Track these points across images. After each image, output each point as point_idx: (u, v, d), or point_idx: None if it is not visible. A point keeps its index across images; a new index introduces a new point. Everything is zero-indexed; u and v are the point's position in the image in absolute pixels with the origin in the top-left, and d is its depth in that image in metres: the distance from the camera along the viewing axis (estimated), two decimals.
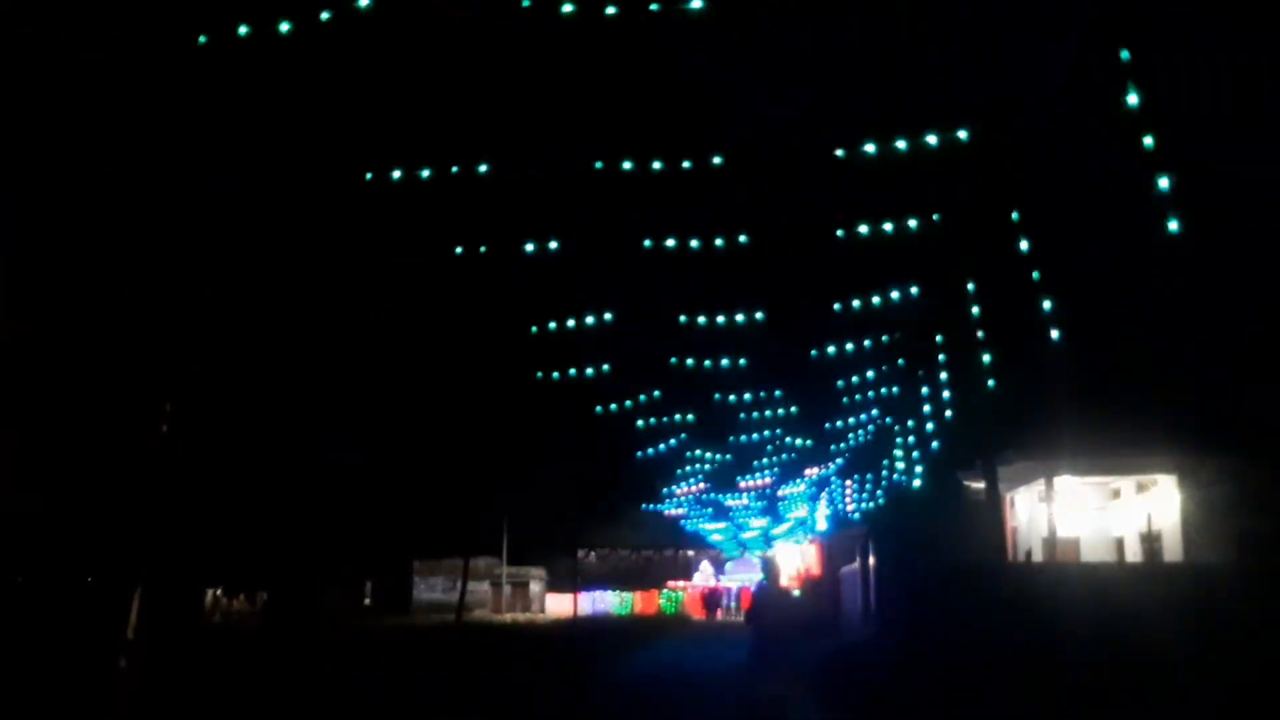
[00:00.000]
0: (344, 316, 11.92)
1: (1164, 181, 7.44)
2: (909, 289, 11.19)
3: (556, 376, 13.70)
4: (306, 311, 11.53)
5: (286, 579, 25.02)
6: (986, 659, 10.68)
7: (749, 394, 15.64)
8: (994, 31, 7.97)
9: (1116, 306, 11.09)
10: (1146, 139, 7.30)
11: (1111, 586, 10.65)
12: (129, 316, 10.40)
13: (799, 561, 32.66)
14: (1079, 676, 9.52)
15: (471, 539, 29.73)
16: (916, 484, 14.50)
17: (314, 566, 25.67)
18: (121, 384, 10.59)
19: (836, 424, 16.92)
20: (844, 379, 14.56)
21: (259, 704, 10.89)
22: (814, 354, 12.70)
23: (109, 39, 7.30)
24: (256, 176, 8.52)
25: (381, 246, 9.79)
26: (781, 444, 19.11)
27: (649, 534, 42.35)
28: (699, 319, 11.32)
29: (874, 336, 12.92)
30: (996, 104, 8.58)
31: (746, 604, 8.68)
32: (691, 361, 13.24)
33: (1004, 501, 13.73)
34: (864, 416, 16.50)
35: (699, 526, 37.00)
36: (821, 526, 27.24)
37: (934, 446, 13.05)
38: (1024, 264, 9.26)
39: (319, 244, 9.58)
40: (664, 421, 17.82)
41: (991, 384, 10.48)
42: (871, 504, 18.80)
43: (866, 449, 17.84)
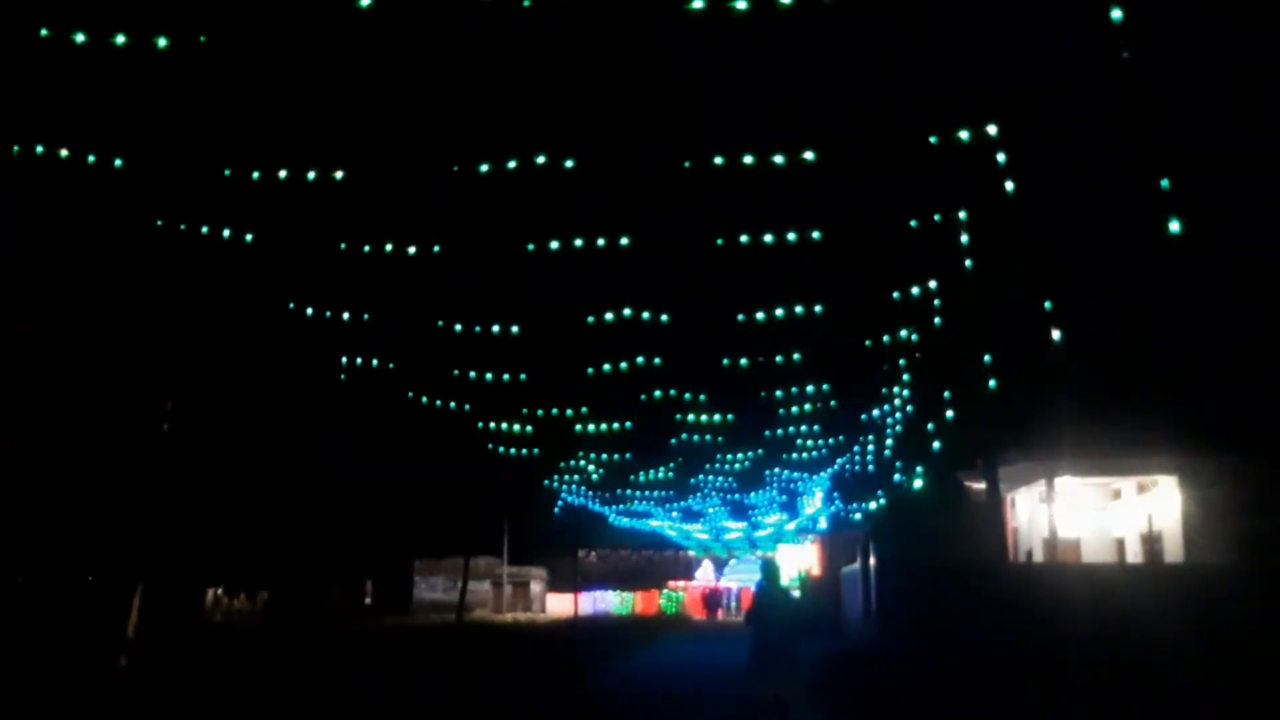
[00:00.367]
0: (344, 317, 11.91)
1: (1165, 181, 7.44)
2: (910, 289, 11.19)
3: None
4: (306, 311, 11.52)
5: (287, 578, 25.02)
6: (987, 659, 10.67)
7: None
8: (994, 31, 7.98)
9: (1117, 307, 11.08)
10: (1148, 139, 7.30)
11: (1112, 587, 10.64)
12: (129, 316, 10.41)
13: (800, 562, 32.69)
14: (1079, 677, 9.51)
15: (472, 539, 29.74)
16: (917, 484, 14.49)
17: (314, 566, 25.68)
18: (122, 384, 10.60)
19: (868, 416, 16.91)
20: (845, 379, 14.57)
21: (259, 703, 10.88)
22: (812, 354, 12.71)
23: (109, 38, 7.30)
24: (256, 177, 8.52)
25: (381, 246, 9.79)
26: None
27: (650, 534, 42.35)
28: (696, 318, 11.32)
29: (874, 336, 12.92)
30: (997, 104, 8.57)
31: (747, 604, 8.64)
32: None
33: (1005, 502, 13.72)
34: (865, 417, 16.51)
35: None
36: (822, 526, 27.26)
37: (935, 447, 13.03)
38: (1025, 264, 9.26)
39: (319, 244, 9.58)
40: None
41: (993, 384, 10.48)
42: (873, 505, 18.80)
43: (869, 459, 17.86)
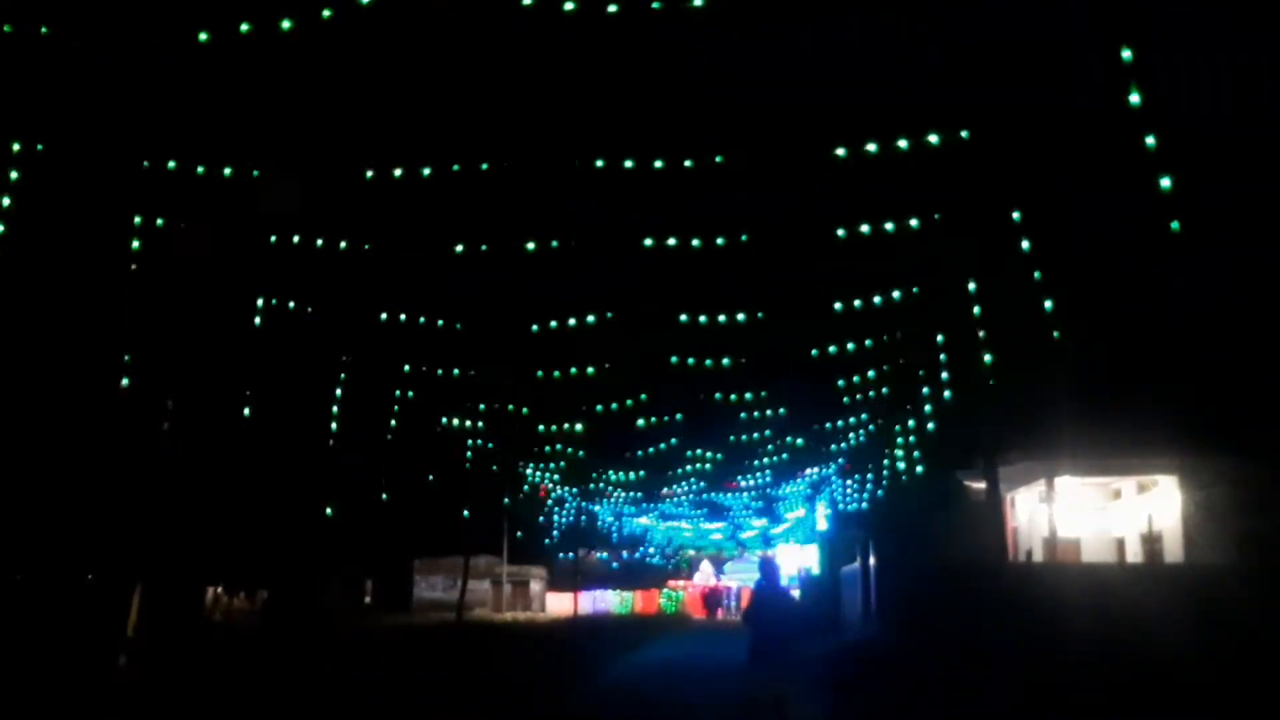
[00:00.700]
0: (346, 317, 11.92)
1: (1165, 181, 7.44)
2: (910, 289, 11.18)
3: (558, 375, 13.71)
4: (308, 312, 11.53)
5: (287, 577, 25.03)
6: (987, 658, 10.68)
7: (747, 393, 15.64)
8: (994, 31, 7.97)
9: (1118, 307, 11.08)
10: (1148, 138, 7.30)
11: (1112, 587, 10.65)
12: (130, 315, 10.41)
13: (800, 561, 32.69)
14: (1079, 676, 9.52)
15: (472, 538, 29.76)
16: (917, 484, 14.50)
17: (314, 565, 25.67)
18: (123, 382, 10.60)
19: (836, 423, 16.93)
20: (844, 379, 14.55)
21: (259, 702, 10.89)
22: (814, 353, 12.69)
23: (110, 37, 7.31)
24: (256, 174, 8.52)
25: (382, 245, 9.79)
26: (779, 444, 19.12)
27: (653, 533, 42.42)
28: (700, 318, 11.32)
29: (875, 336, 12.91)
30: (997, 104, 8.58)
31: (746, 604, 8.60)
32: (692, 360, 13.22)
33: (1004, 502, 13.72)
34: (864, 416, 16.50)
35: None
36: (821, 526, 27.27)
37: (934, 446, 13.05)
38: (1025, 264, 9.26)
39: (319, 244, 9.58)
40: (662, 420, 17.83)
41: (992, 384, 10.48)
42: (871, 504, 18.81)
43: (866, 448, 17.85)
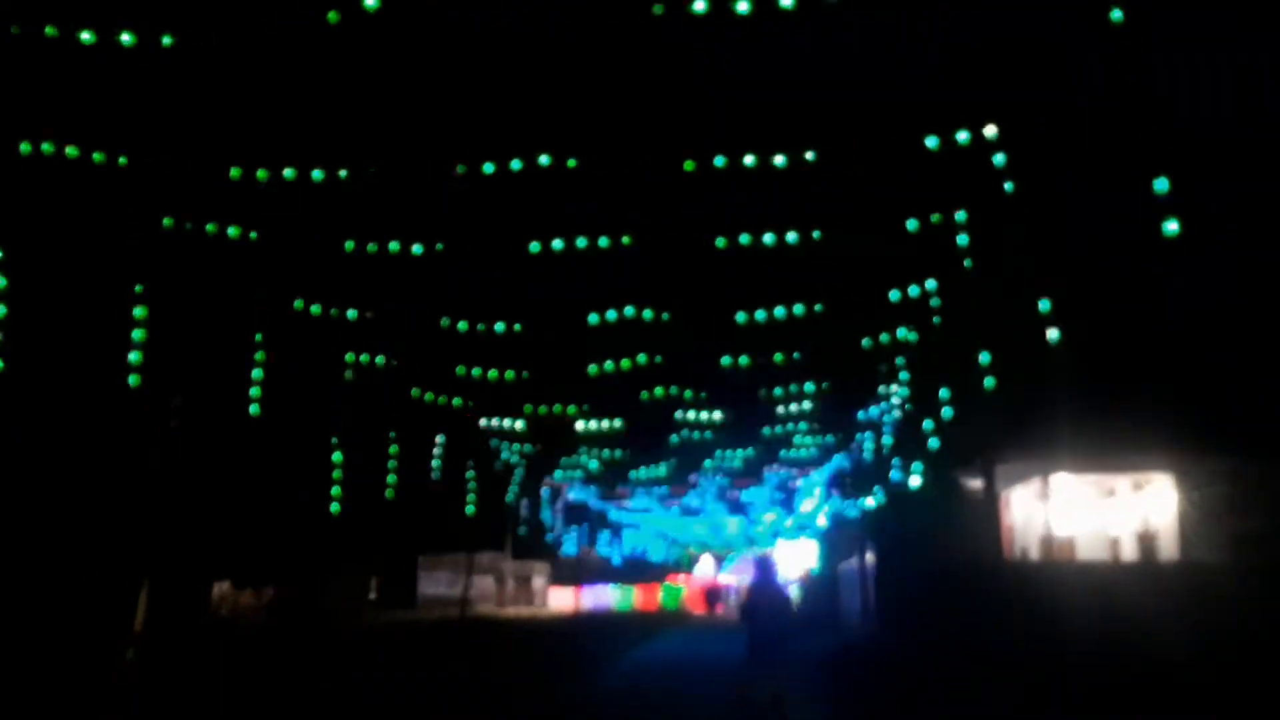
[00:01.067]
0: (348, 317, 11.97)
1: (1163, 181, 7.48)
2: (908, 288, 11.23)
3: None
4: (312, 310, 11.59)
5: (293, 573, 25.15)
6: (983, 655, 10.75)
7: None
8: (994, 31, 8.00)
9: (1115, 306, 11.11)
10: (1147, 138, 7.34)
11: (1108, 585, 10.71)
12: (136, 313, 10.48)
13: (800, 559, 32.76)
14: (1075, 673, 9.59)
15: (475, 534, 29.83)
16: (914, 482, 14.54)
17: (320, 561, 25.80)
18: (130, 381, 10.67)
19: (865, 414, 16.94)
20: (843, 376, 14.60)
21: (265, 697, 10.98)
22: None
23: (107, 37, 7.36)
24: (259, 176, 8.58)
25: (386, 245, 9.84)
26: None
27: (649, 530, 42.47)
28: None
29: (875, 335, 12.96)
30: (997, 104, 8.61)
31: (743, 602, 8.61)
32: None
33: (1001, 499, 13.76)
34: (863, 414, 16.55)
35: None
36: (821, 524, 27.34)
37: (932, 445, 13.08)
38: (1025, 263, 9.30)
39: (320, 244, 9.64)
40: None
41: (990, 382, 10.52)
42: (871, 501, 18.86)
43: (866, 455, 17.90)
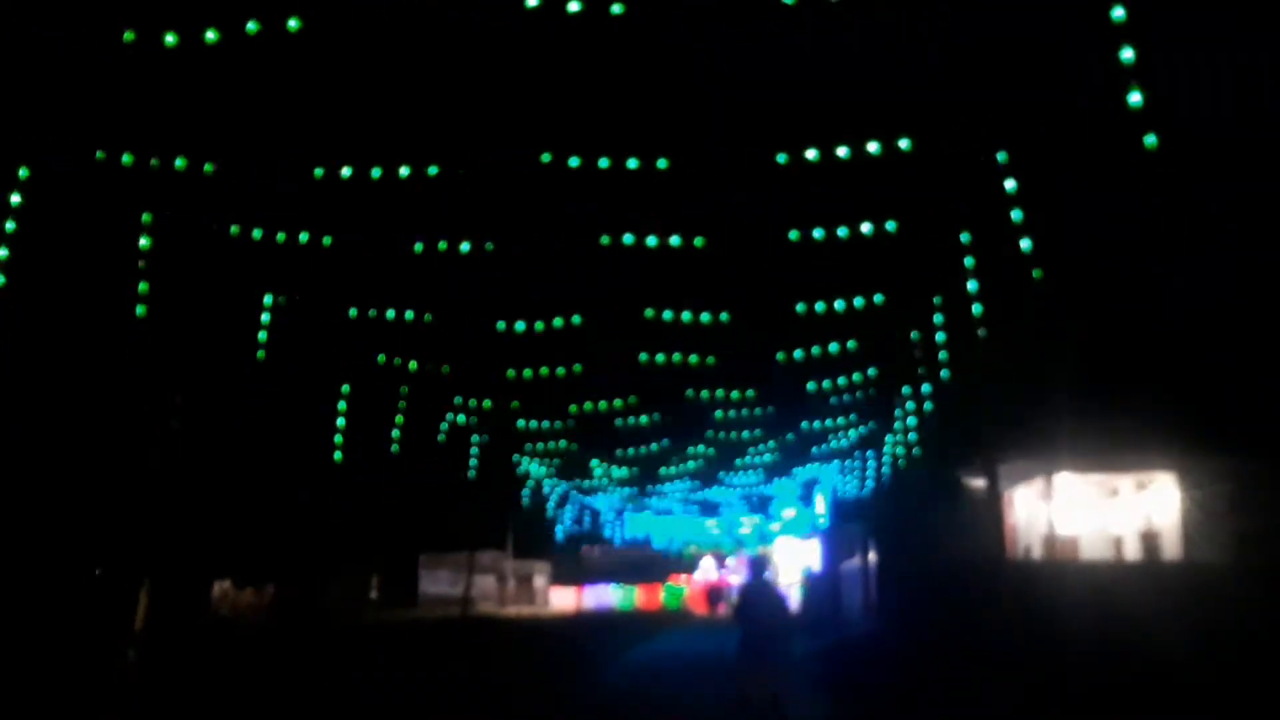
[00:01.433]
0: (351, 314, 11.99)
1: (1163, 179, 7.47)
2: (908, 288, 11.23)
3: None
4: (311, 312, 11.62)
5: (294, 573, 25.18)
6: (986, 654, 10.75)
7: (734, 392, 15.72)
8: (994, 31, 7.99)
9: (1118, 307, 11.10)
10: (1148, 137, 7.32)
11: (1110, 584, 10.70)
12: (138, 313, 10.49)
13: (802, 558, 32.76)
14: (1077, 673, 9.58)
15: (476, 533, 29.86)
16: (916, 481, 14.54)
17: (321, 561, 25.82)
18: (131, 380, 10.70)
19: (826, 422, 16.98)
20: (845, 376, 14.60)
21: (266, 696, 11.00)
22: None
23: (109, 36, 7.36)
24: (259, 177, 8.59)
25: (388, 244, 9.85)
26: (769, 443, 19.19)
27: (655, 528, 42.48)
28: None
29: (875, 335, 12.96)
30: (997, 104, 8.60)
31: (736, 601, 8.51)
32: (678, 357, 13.29)
33: (1003, 499, 13.75)
34: (866, 414, 16.55)
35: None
36: (820, 510, 27.35)
37: (934, 443, 13.09)
38: (1026, 262, 9.29)
39: (321, 244, 9.65)
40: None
41: (991, 382, 10.53)
42: (871, 501, 18.86)
43: (866, 446, 17.90)
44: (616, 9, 7.17)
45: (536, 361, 13.78)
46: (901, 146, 8.49)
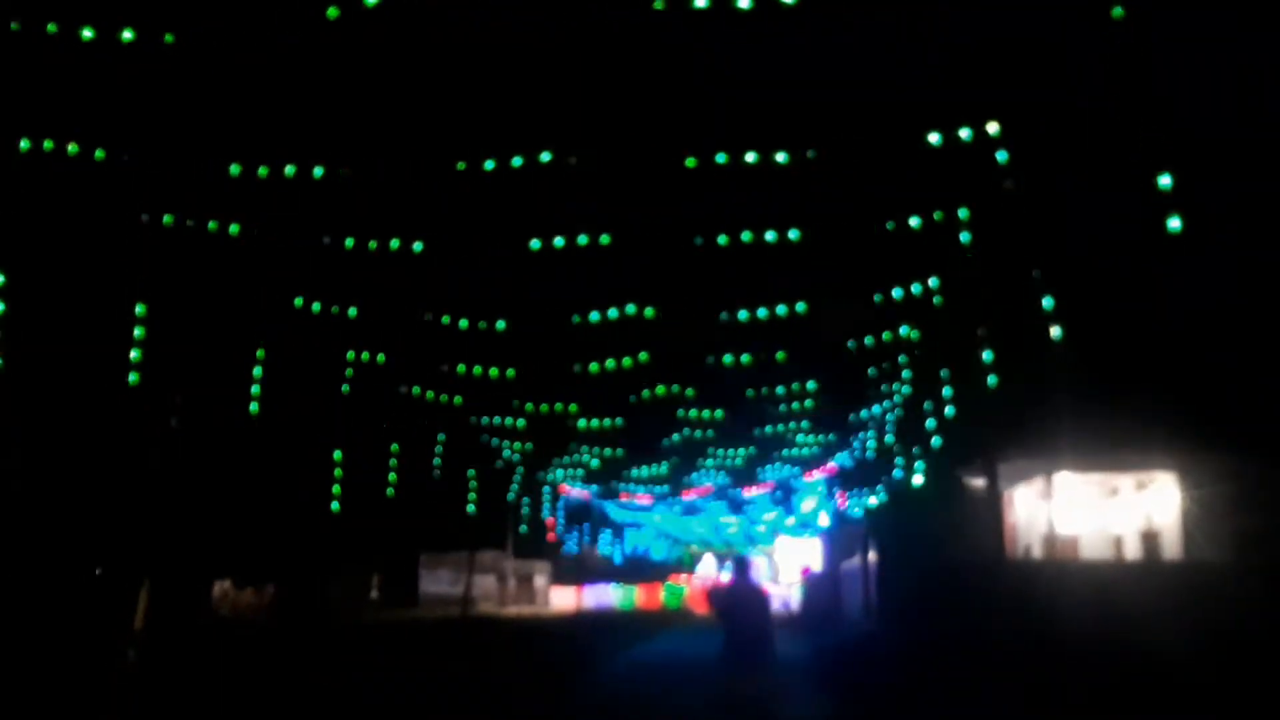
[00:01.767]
0: (351, 314, 11.98)
1: (1165, 180, 7.47)
2: (910, 287, 11.22)
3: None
4: (313, 309, 11.60)
5: (294, 572, 25.18)
6: (985, 655, 10.74)
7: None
8: (994, 31, 7.99)
9: (1116, 306, 11.10)
10: (1149, 136, 7.32)
11: (1111, 584, 10.71)
12: (137, 312, 10.49)
13: (801, 558, 32.76)
14: (1078, 673, 9.58)
15: (477, 533, 29.87)
16: (917, 480, 14.53)
17: (322, 560, 25.82)
18: (130, 379, 10.69)
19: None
20: (846, 375, 14.59)
21: (265, 696, 11.00)
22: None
23: (109, 36, 7.36)
24: (263, 174, 8.58)
25: (386, 243, 9.84)
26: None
27: (651, 530, 42.50)
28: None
29: (877, 334, 12.95)
30: (997, 104, 8.59)
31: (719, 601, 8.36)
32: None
33: (1003, 498, 13.76)
34: (866, 413, 16.54)
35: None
36: (824, 522, 27.36)
37: (934, 443, 13.08)
38: (1026, 261, 9.29)
39: (320, 243, 9.65)
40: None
41: (992, 381, 10.52)
42: (873, 500, 18.86)
43: (869, 453, 17.89)
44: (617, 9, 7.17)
45: (537, 361, 13.75)
46: (901, 146, 8.48)
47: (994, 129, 8.47)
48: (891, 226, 9.50)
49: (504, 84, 8.38)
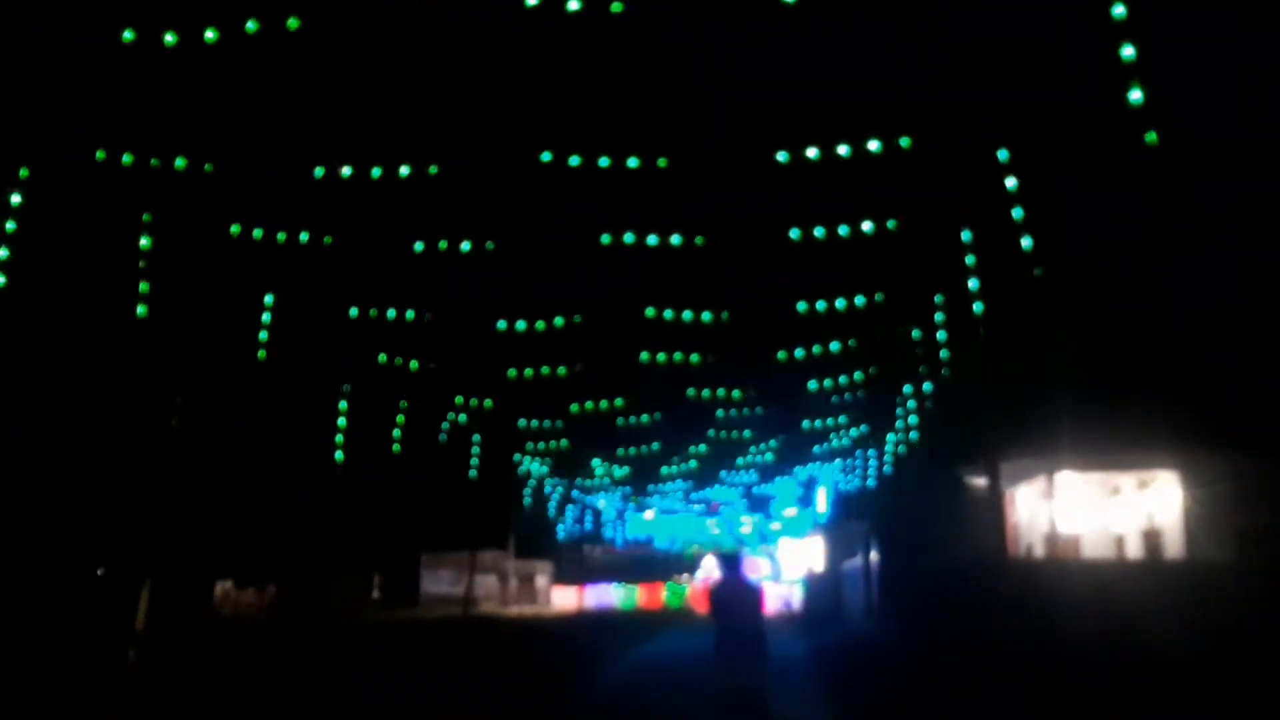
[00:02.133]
0: (352, 314, 11.99)
1: (1165, 178, 7.47)
2: (911, 286, 11.22)
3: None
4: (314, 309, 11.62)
5: (295, 572, 25.19)
6: (986, 654, 10.73)
7: (735, 391, 15.71)
8: (994, 31, 7.98)
9: (1117, 306, 11.11)
10: (1150, 135, 7.32)
11: (1112, 583, 10.68)
12: (139, 313, 10.50)
13: (802, 558, 32.77)
14: (1079, 672, 9.56)
15: (478, 532, 29.86)
16: (918, 480, 14.53)
17: (323, 560, 25.83)
18: (132, 380, 10.71)
19: (839, 418, 16.96)
20: (848, 375, 14.60)
21: (266, 696, 11.00)
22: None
23: (109, 36, 7.36)
24: (261, 174, 8.59)
25: (388, 244, 9.85)
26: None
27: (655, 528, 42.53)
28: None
29: (877, 333, 12.95)
30: (997, 104, 8.59)
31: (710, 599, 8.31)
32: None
33: (1005, 498, 13.74)
34: (866, 412, 16.54)
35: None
36: (822, 508, 27.37)
37: (936, 442, 13.08)
38: (1027, 261, 9.29)
39: (321, 244, 9.65)
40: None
41: (993, 380, 10.52)
42: (873, 499, 18.86)
43: (869, 444, 17.89)
44: (616, 8, 7.16)
45: (536, 361, 13.76)
46: (902, 146, 8.48)
47: (994, 129, 8.48)
48: (892, 226, 9.50)
49: (504, 84, 8.38)
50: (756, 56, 8.09)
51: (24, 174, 8.74)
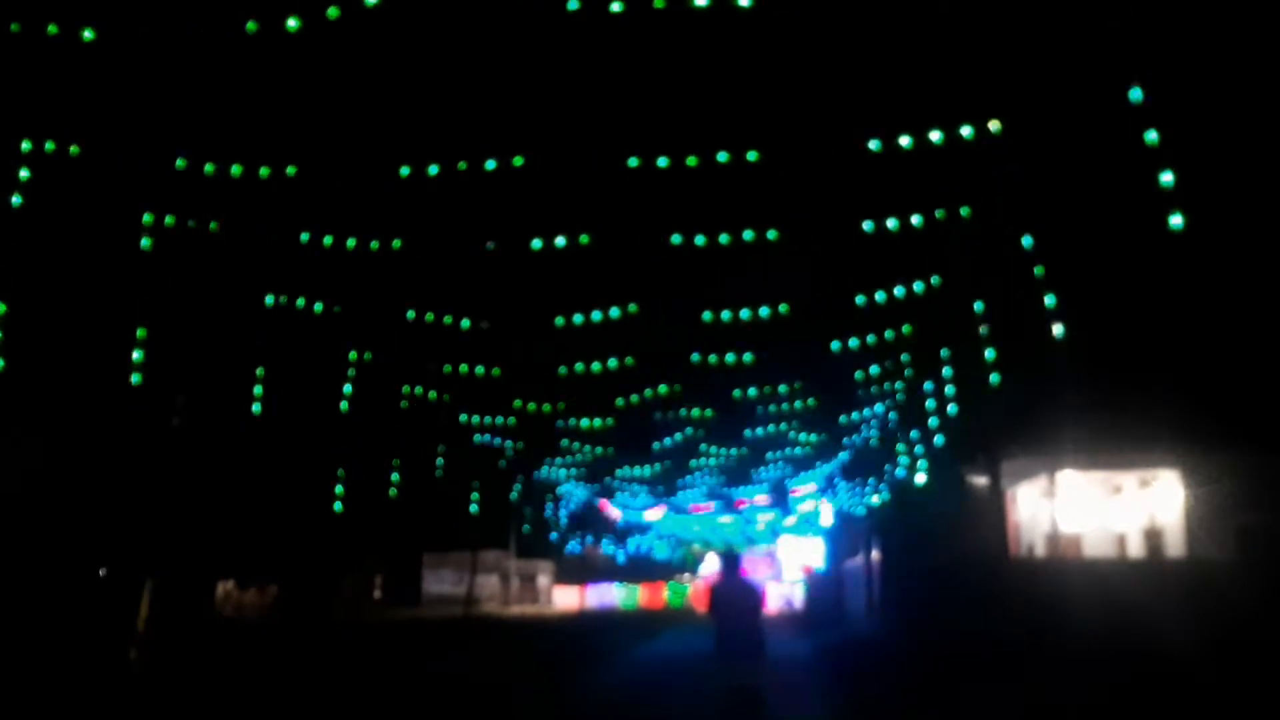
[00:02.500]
0: (356, 314, 11.98)
1: (1167, 177, 7.45)
2: (913, 285, 11.19)
3: (563, 371, 13.72)
4: (315, 308, 11.60)
5: (297, 572, 25.24)
6: (989, 652, 10.73)
7: (765, 389, 15.66)
8: (997, 29, 7.97)
9: (1120, 302, 11.09)
10: (1150, 134, 7.30)
11: (1114, 581, 10.70)
12: (141, 312, 10.51)
13: (803, 557, 32.79)
14: (1082, 670, 9.57)
15: (479, 532, 29.88)
16: (920, 479, 14.52)
17: (324, 560, 25.87)
18: (133, 379, 10.71)
19: (847, 418, 16.92)
20: (852, 375, 14.56)
21: (268, 696, 11.01)
22: (832, 348, 12.71)
23: (109, 36, 7.36)
24: (264, 174, 8.58)
25: (386, 243, 9.84)
26: (792, 439, 19.16)
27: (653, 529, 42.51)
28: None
29: (879, 333, 12.93)
30: (999, 100, 8.57)
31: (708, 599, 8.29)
32: (699, 357, 13.24)
33: (1007, 496, 13.75)
34: (868, 411, 16.52)
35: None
36: (826, 521, 27.36)
37: (937, 441, 13.06)
38: (1028, 260, 9.27)
39: (324, 244, 9.64)
40: (680, 415, 17.82)
41: (995, 379, 10.50)
42: (875, 499, 18.85)
43: (871, 444, 17.87)
44: (617, 7, 7.15)
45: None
46: (901, 145, 8.46)
47: (995, 127, 8.45)
48: (895, 225, 9.47)
49: (506, 84, 8.38)
50: (756, 56, 8.07)
51: (24, 175, 8.75)
